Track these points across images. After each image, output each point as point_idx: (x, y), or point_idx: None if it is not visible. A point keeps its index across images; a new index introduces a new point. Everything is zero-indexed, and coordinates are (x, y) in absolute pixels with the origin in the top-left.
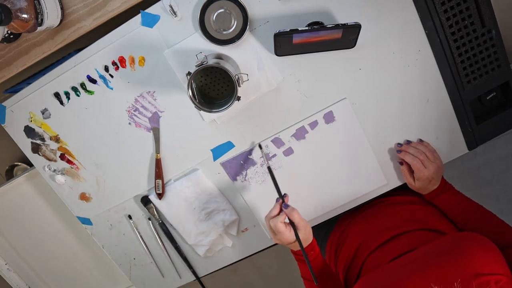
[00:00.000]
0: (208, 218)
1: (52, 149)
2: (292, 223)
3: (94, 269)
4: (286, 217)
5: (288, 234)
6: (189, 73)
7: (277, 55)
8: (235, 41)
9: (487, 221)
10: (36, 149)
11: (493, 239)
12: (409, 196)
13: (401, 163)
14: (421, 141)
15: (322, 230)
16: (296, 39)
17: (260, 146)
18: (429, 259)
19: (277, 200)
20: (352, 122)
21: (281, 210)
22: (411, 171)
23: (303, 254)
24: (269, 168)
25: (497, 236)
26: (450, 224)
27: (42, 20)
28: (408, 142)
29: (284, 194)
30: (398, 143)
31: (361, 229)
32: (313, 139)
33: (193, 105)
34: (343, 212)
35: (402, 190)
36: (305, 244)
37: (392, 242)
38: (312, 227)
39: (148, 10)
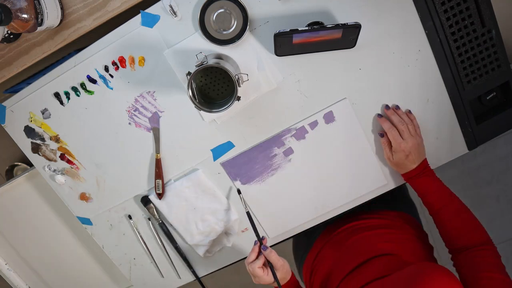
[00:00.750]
0: (208, 218)
1: (52, 149)
2: (270, 264)
3: (94, 269)
4: (265, 258)
5: (265, 277)
6: (189, 73)
7: (277, 55)
8: (235, 41)
9: (458, 215)
10: (36, 149)
11: (460, 235)
12: (381, 220)
13: (382, 135)
14: (409, 113)
15: (300, 251)
16: (296, 39)
17: (239, 192)
18: None
19: (255, 243)
20: (352, 122)
21: (259, 253)
22: (391, 145)
23: None
24: (248, 214)
25: (465, 233)
26: (418, 250)
27: (42, 20)
28: (398, 108)
29: (262, 237)
30: (386, 105)
31: (333, 254)
32: (313, 139)
33: (193, 105)
34: (319, 233)
35: (376, 213)
36: (283, 282)
37: (362, 268)
38: (296, 238)
39: (148, 10)
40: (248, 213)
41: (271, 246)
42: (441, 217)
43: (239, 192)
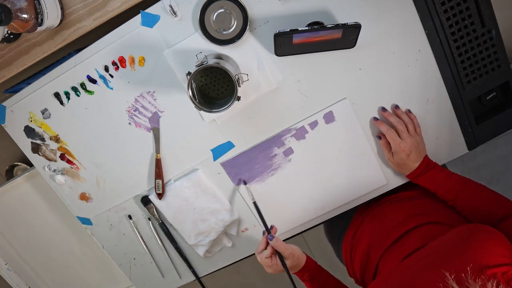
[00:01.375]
0: (208, 218)
1: (52, 149)
2: (279, 254)
3: (94, 269)
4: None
5: (275, 267)
6: (189, 73)
7: (277, 55)
8: (235, 41)
9: (478, 194)
10: (36, 149)
11: (486, 213)
12: (414, 191)
13: (379, 137)
14: (409, 112)
15: (336, 233)
16: (296, 39)
17: (244, 183)
18: (437, 257)
19: (263, 234)
20: (352, 122)
21: (267, 244)
22: (390, 147)
23: (291, 282)
24: (255, 204)
25: (491, 209)
26: (456, 214)
27: (42, 20)
28: (397, 108)
29: (271, 226)
30: (383, 108)
31: (372, 230)
32: (313, 139)
33: (193, 105)
34: (355, 210)
35: (407, 185)
36: (297, 269)
37: (402, 240)
38: (329, 222)
39: (148, 10)
40: (255, 203)
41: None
42: (460, 204)
43: (245, 183)
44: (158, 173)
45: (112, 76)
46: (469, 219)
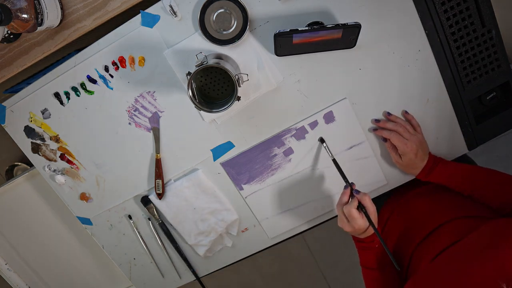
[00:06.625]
0: (208, 218)
1: (52, 149)
2: (364, 209)
3: (94, 269)
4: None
5: (361, 220)
6: (189, 73)
7: (277, 55)
8: (235, 41)
9: (492, 180)
10: (36, 149)
11: (505, 199)
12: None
13: (385, 140)
14: (406, 113)
15: None
16: (296, 39)
17: (322, 140)
18: (469, 257)
19: (345, 188)
20: (352, 122)
21: (350, 197)
22: (396, 149)
23: (379, 237)
24: (334, 161)
25: (508, 194)
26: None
27: (42, 20)
28: (389, 114)
29: (352, 182)
30: (376, 119)
31: (400, 226)
32: (313, 139)
33: (193, 105)
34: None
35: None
36: (369, 233)
37: (432, 237)
38: None
39: (148, 10)
40: (334, 160)
41: (270, 247)
42: (477, 193)
43: (322, 141)
44: (158, 173)
45: (112, 76)
46: (492, 206)
